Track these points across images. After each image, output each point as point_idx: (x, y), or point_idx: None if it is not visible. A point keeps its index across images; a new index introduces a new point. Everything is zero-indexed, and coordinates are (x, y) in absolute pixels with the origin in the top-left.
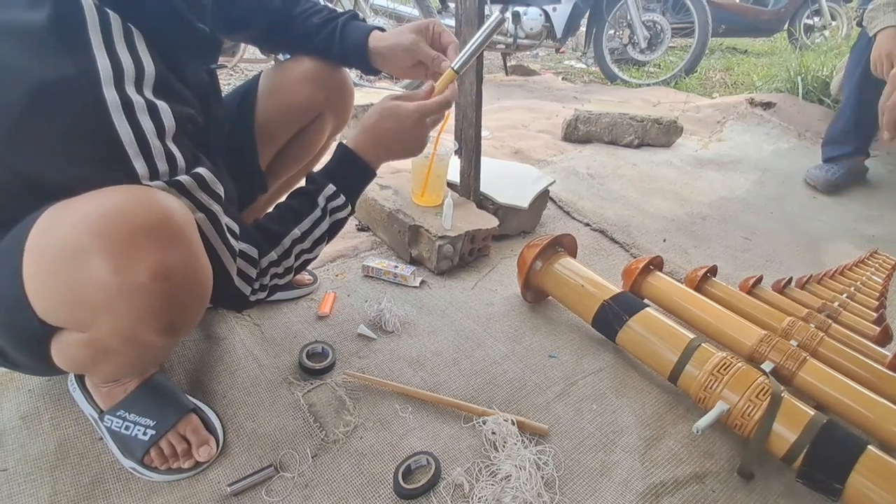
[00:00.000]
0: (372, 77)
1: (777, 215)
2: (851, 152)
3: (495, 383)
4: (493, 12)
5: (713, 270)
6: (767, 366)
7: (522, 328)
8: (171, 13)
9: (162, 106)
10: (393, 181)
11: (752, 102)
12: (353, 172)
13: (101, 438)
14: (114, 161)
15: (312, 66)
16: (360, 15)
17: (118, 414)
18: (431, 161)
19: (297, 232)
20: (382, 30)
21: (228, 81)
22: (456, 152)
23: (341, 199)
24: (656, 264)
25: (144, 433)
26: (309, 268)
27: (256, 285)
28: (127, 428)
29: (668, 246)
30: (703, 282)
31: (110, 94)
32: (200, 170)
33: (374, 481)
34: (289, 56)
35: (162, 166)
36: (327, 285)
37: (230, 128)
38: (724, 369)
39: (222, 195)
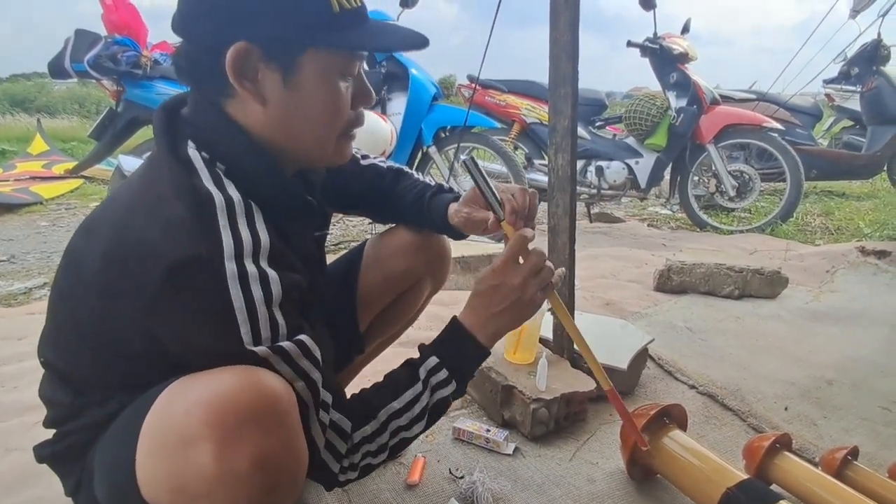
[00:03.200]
0: None
1: None
2: None
3: None
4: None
5: (854, 452)
6: None
7: None
8: (284, 190)
9: (272, 275)
10: None
11: (863, 250)
12: (460, 346)
13: None
14: (227, 327)
15: (413, 236)
16: (446, 185)
17: None
18: None
19: (395, 405)
20: (458, 196)
21: (331, 231)
22: (549, 310)
23: (444, 374)
24: (784, 443)
25: None
26: None
27: (346, 462)
28: None
29: (792, 416)
30: (843, 466)
31: (230, 267)
32: (303, 337)
33: None
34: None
35: (265, 332)
36: (416, 447)
37: (335, 293)
38: None
39: (321, 361)
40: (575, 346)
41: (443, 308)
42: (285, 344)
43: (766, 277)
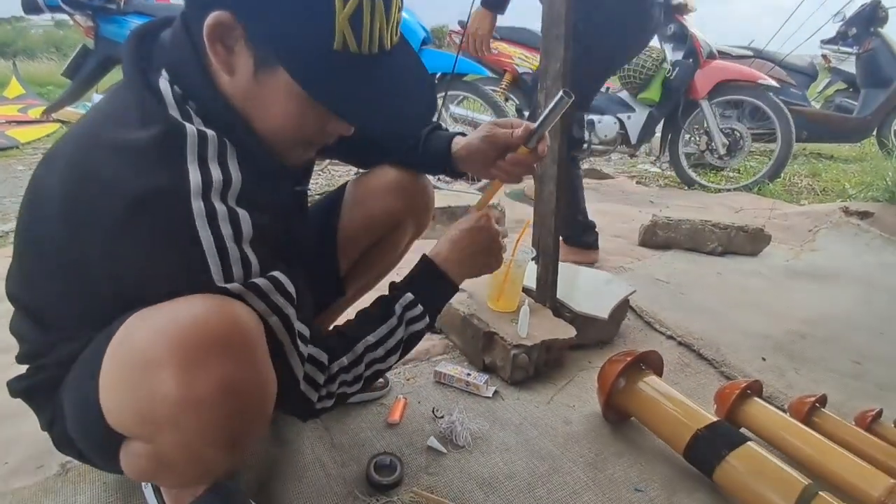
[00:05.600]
0: (448, 179)
1: (891, 336)
2: None
3: None
4: (559, 94)
5: (822, 400)
6: None
7: (604, 453)
8: (258, 146)
9: (242, 214)
10: (469, 285)
11: (846, 211)
12: (432, 283)
13: None
14: (195, 266)
15: (396, 177)
16: (443, 125)
17: None
18: (509, 267)
19: (370, 339)
20: (464, 135)
21: (316, 181)
22: (534, 259)
23: (419, 309)
24: (755, 389)
25: None
26: None
27: (324, 392)
28: None
29: (765, 366)
30: (810, 413)
31: (197, 205)
32: (276, 273)
33: None
34: None
35: (237, 270)
36: (398, 390)
37: (314, 235)
38: None
39: (295, 297)
40: (559, 296)
41: None
42: (258, 280)
43: (750, 235)
